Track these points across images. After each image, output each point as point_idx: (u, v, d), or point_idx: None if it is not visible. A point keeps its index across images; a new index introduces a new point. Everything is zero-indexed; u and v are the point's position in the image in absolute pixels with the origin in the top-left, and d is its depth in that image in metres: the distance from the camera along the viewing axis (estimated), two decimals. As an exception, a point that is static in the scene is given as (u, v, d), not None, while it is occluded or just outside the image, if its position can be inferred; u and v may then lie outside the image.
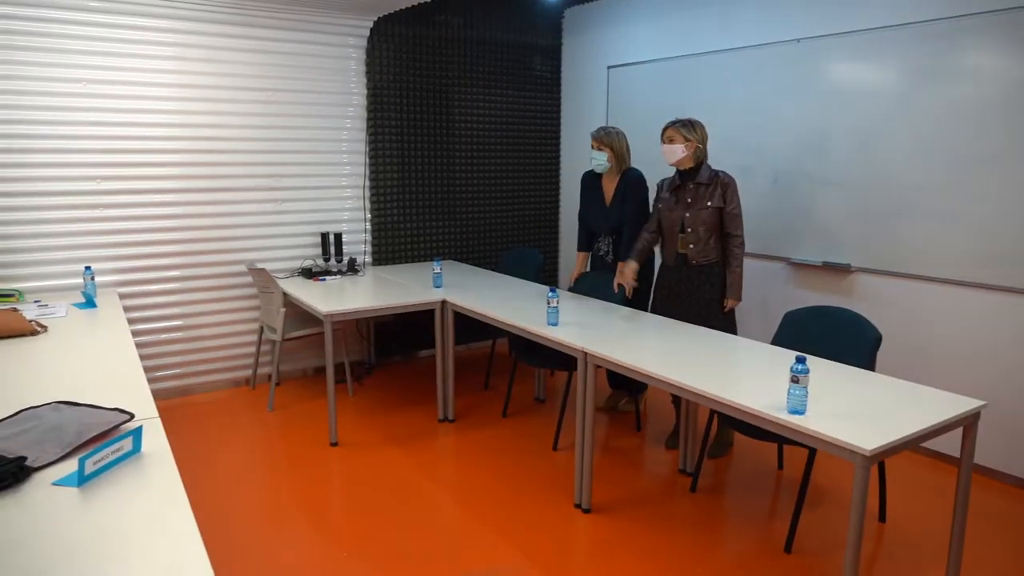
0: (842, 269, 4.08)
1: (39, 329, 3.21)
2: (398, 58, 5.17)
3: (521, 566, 2.76)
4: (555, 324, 3.37)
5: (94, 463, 1.73)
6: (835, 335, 3.08)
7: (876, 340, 2.94)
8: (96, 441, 1.93)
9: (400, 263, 5.37)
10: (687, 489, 3.41)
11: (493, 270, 5.08)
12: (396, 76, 5.18)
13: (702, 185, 3.57)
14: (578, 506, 3.21)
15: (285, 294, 4.28)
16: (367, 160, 5.15)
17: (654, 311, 3.82)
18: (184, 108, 4.45)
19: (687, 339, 3.21)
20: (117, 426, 2.02)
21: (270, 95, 4.71)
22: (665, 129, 3.62)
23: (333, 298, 4.10)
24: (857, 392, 2.53)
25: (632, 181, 4.08)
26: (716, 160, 3.73)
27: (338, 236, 4.94)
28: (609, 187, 4.16)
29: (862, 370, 2.76)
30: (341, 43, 4.93)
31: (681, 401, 3.63)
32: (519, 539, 2.95)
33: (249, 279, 4.76)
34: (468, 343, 5.73)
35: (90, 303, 3.80)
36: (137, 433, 1.90)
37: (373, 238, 5.27)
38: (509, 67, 5.70)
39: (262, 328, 4.70)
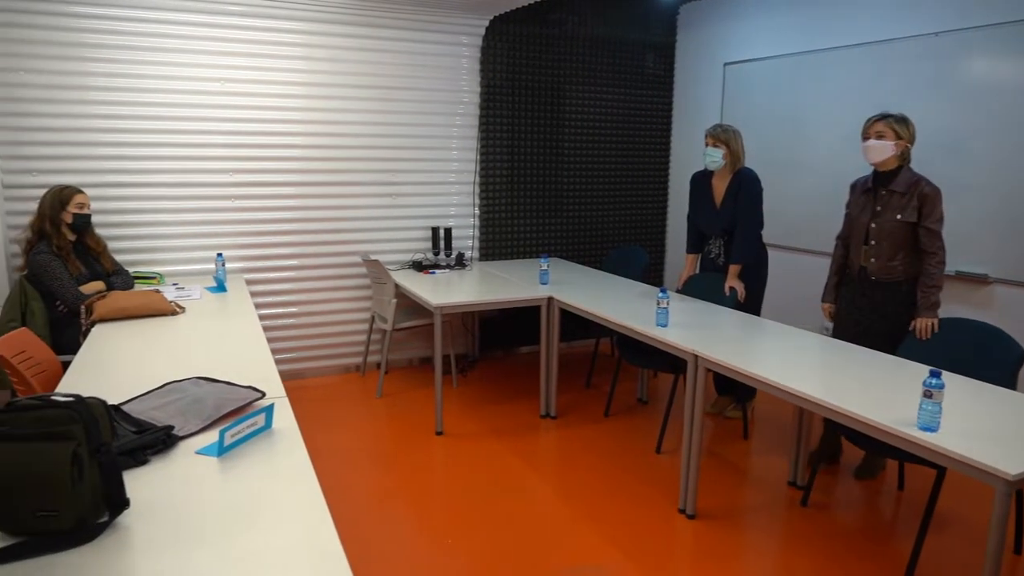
0: (978, 279, 3.80)
1: (178, 310, 3.47)
2: (511, 56, 5.23)
3: (625, 568, 2.74)
4: (665, 325, 3.32)
5: (232, 436, 1.86)
6: (972, 350, 2.88)
7: (1020, 357, 2.72)
8: (232, 416, 2.06)
9: (506, 259, 5.44)
10: (797, 502, 3.28)
11: (597, 268, 5.06)
12: (509, 74, 5.24)
13: (896, 193, 3.18)
14: (682, 511, 3.15)
15: (397, 285, 4.42)
16: (478, 157, 5.25)
17: (835, 324, 3.56)
18: (308, 106, 4.68)
19: (804, 345, 3.09)
20: (250, 403, 2.16)
21: (387, 93, 4.88)
22: (872, 123, 3.21)
23: (442, 291, 4.20)
24: (996, 411, 2.35)
25: (746, 180, 3.95)
26: (833, 163, 3.55)
27: (448, 231, 5.06)
28: (720, 187, 4.05)
29: (1002, 389, 2.56)
30: (455, 42, 5.04)
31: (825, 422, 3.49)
32: (622, 540, 2.93)
33: (362, 270, 4.96)
34: (570, 341, 5.73)
35: (221, 287, 4.07)
36: (269, 410, 2.02)
37: (481, 233, 5.36)
38: (621, 65, 5.65)
39: (373, 317, 4.88)
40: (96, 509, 1.47)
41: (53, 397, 1.49)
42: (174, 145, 4.38)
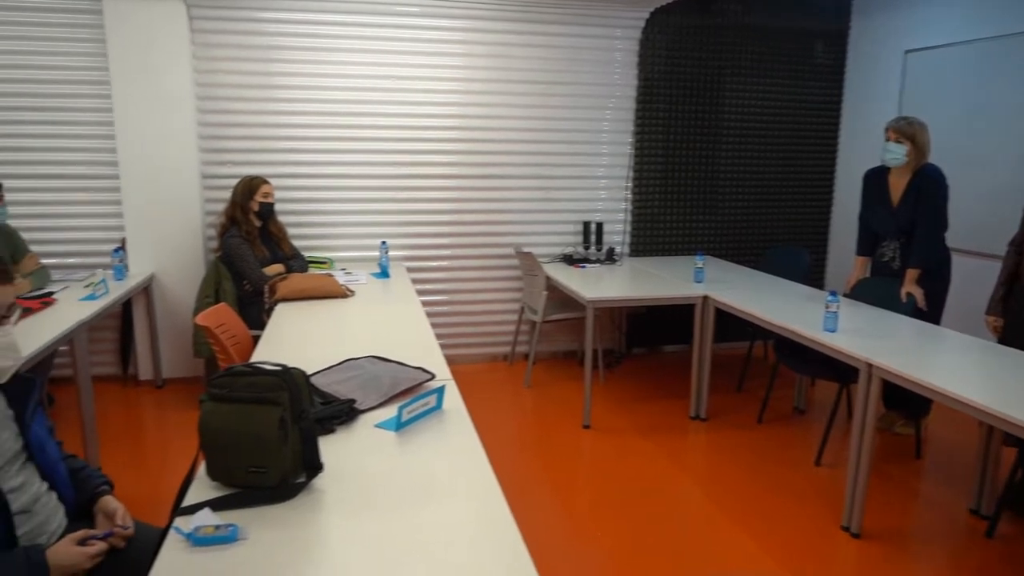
0: None
1: (349, 293, 3.71)
2: (671, 48, 5.12)
3: (781, 580, 2.63)
4: (833, 330, 3.13)
5: (409, 412, 1.96)
6: None
7: None
8: (405, 394, 2.18)
9: (657, 255, 5.34)
10: (981, 533, 2.99)
11: (752, 268, 4.85)
12: (667, 66, 5.14)
13: None
14: (846, 528, 2.97)
15: (548, 278, 4.47)
16: (632, 151, 5.19)
17: (1009, 336, 3.27)
18: (466, 101, 4.83)
19: (990, 359, 2.80)
20: (421, 383, 2.27)
21: (543, 88, 4.93)
22: None
23: (594, 285, 4.20)
24: None
25: (930, 178, 3.63)
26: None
27: (599, 225, 5.05)
28: (898, 185, 3.75)
29: None
30: (610, 35, 5.00)
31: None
32: (777, 551, 2.81)
33: (513, 261, 5.06)
34: (721, 342, 5.53)
35: (384, 274, 4.30)
36: (441, 391, 2.11)
37: (632, 229, 5.30)
38: (786, 55, 5.37)
39: (523, 308, 4.97)
40: (295, 470, 1.60)
41: (262, 366, 1.64)
42: (345, 139, 4.67)
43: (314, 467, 1.61)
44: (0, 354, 1.42)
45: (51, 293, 3.57)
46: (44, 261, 3.90)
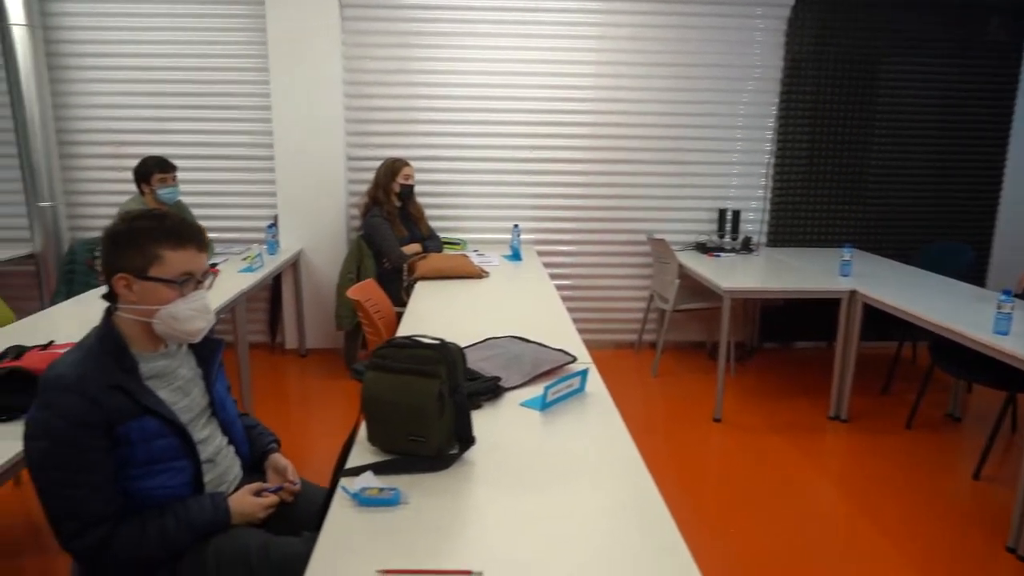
0: None
1: (484, 274, 3.78)
2: (822, 27, 4.82)
3: (935, 597, 2.45)
4: (1005, 333, 2.86)
5: (554, 393, 1.98)
6: None
7: None
8: (547, 375, 2.20)
9: (797, 246, 5.09)
10: None
11: (903, 263, 4.51)
12: (816, 46, 4.84)
13: None
14: (1011, 550, 2.72)
15: (680, 266, 4.37)
16: (775, 136, 4.95)
17: None
18: (600, 84, 4.78)
19: None
20: (562, 365, 2.28)
21: (679, 70, 4.80)
22: None
23: (729, 274, 4.06)
24: None
25: None
26: None
27: (736, 213, 4.87)
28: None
29: None
30: (750, 13, 4.78)
31: None
32: (931, 569, 2.61)
33: (643, 248, 4.98)
34: (865, 341, 5.21)
35: (516, 256, 4.35)
36: (584, 374, 2.11)
37: (771, 217, 5.07)
38: (952, 31, 4.92)
39: (652, 296, 4.88)
40: (449, 442, 1.66)
41: (420, 339, 1.70)
42: (481, 123, 4.76)
43: (467, 439, 1.66)
44: (198, 316, 1.55)
45: (214, 264, 3.87)
46: (210, 236, 4.24)
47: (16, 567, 2.60)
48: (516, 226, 4.51)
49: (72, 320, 2.95)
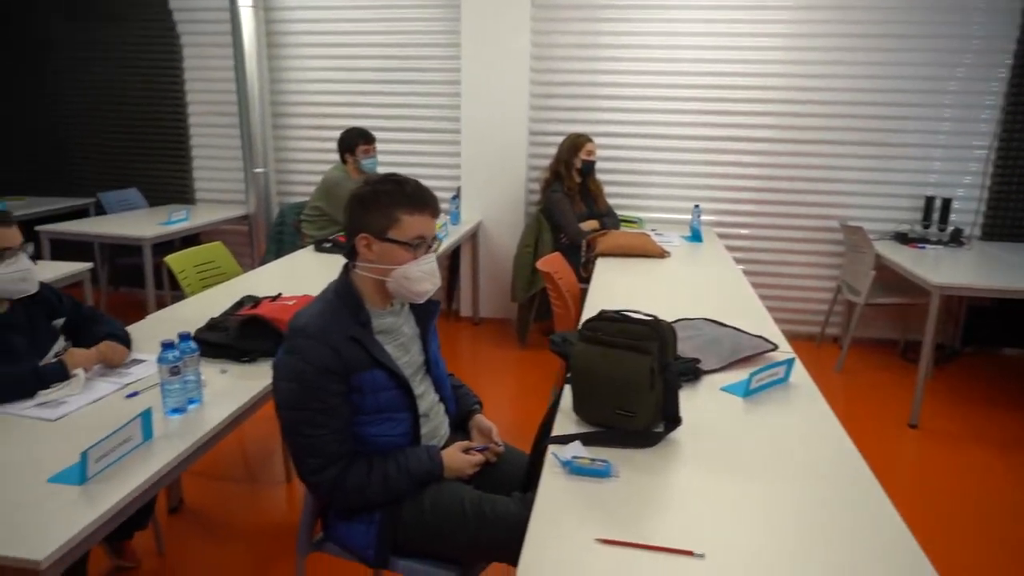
0: None
1: (666, 253, 3.70)
2: (1071, -8, 4.22)
3: None
4: None
5: (758, 380, 1.91)
6: None
7: None
8: (745, 362, 2.12)
9: (1018, 241, 4.52)
10: None
11: None
12: (1062, 15, 4.24)
13: None
14: None
15: (878, 256, 4.04)
16: (1001, 117, 4.41)
17: None
18: (794, 58, 4.48)
19: None
20: (762, 353, 2.19)
21: (881, 42, 4.37)
22: None
23: (935, 268, 3.70)
24: None
25: None
26: None
27: (946, 202, 4.40)
28: None
29: None
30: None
31: None
32: None
33: (833, 236, 4.65)
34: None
35: (696, 237, 4.22)
36: (790, 363, 2.02)
37: (988, 208, 4.54)
38: None
39: (839, 287, 4.56)
40: (655, 419, 1.64)
41: (631, 315, 1.69)
42: (665, 99, 4.64)
43: (674, 419, 1.64)
44: (426, 278, 1.64)
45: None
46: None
47: (253, 492, 2.93)
48: (697, 206, 4.36)
49: (284, 277, 3.23)
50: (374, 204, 1.60)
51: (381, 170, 4.37)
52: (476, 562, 1.66)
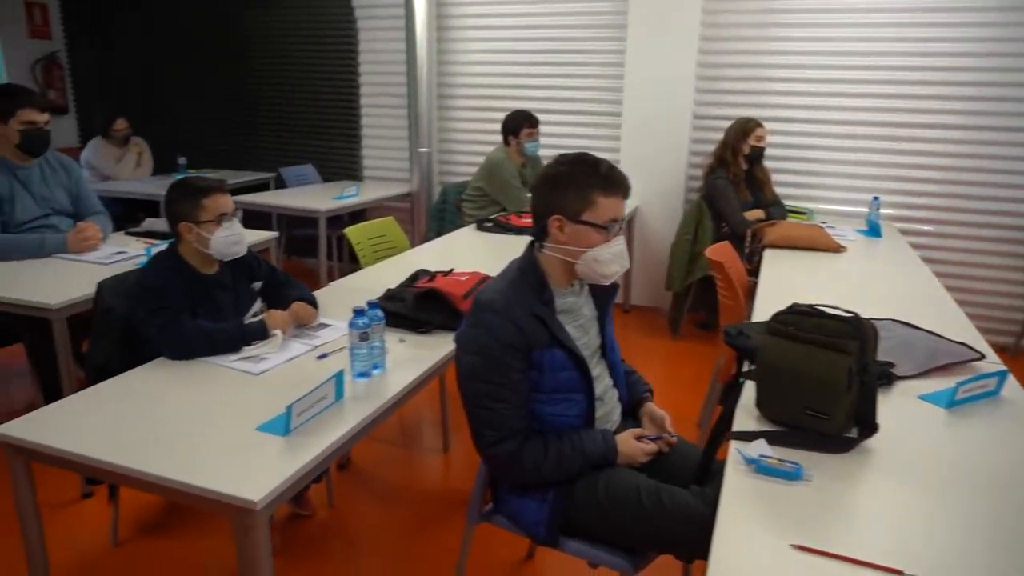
0: None
1: (841, 248, 3.46)
2: None
3: None
4: None
5: (965, 391, 1.73)
6: None
7: None
8: (943, 369, 1.93)
9: None
10: None
11: None
12: None
13: None
14: None
15: (1096, 262, 3.56)
16: None
17: None
18: (992, 35, 3.99)
19: None
20: (966, 362, 1.98)
21: None
22: None
23: None
24: None
25: None
26: None
27: None
28: None
29: None
30: None
31: None
32: None
33: (1035, 236, 4.15)
34: None
35: (875, 232, 3.90)
36: (1003, 376, 1.81)
37: None
38: None
39: (1041, 295, 4.07)
40: (848, 423, 1.53)
41: (826, 310, 1.58)
42: (844, 82, 4.32)
43: (870, 425, 1.52)
44: (615, 261, 1.61)
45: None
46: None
47: (413, 457, 3.07)
48: (876, 199, 4.03)
49: (448, 253, 3.32)
50: (570, 185, 1.59)
51: (541, 154, 4.42)
52: (647, 551, 1.63)
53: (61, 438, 1.49)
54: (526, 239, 1.71)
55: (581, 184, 1.57)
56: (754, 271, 3.29)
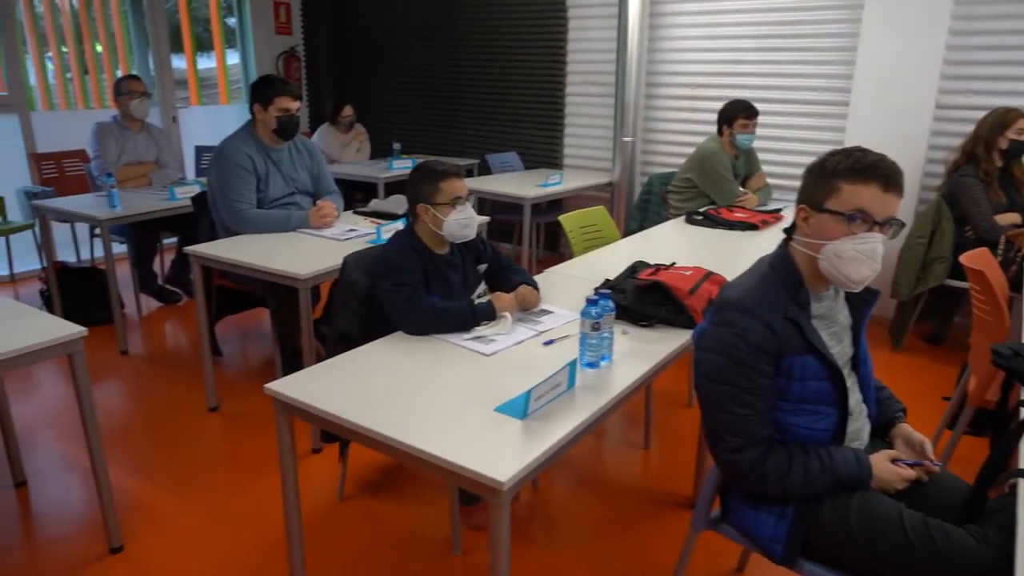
0: None
1: None
2: None
3: None
4: None
5: None
6: None
7: None
8: None
9: None
10: None
11: None
12: None
13: None
14: None
15: None
16: None
17: None
18: None
19: None
20: None
21: None
22: None
23: None
24: None
25: None
26: None
27: None
28: None
29: None
30: None
31: None
32: None
33: None
34: None
35: None
36: None
37: None
38: None
39: None
40: None
41: None
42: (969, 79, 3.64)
43: None
44: (863, 260, 1.44)
45: (779, 209, 3.83)
46: (769, 181, 4.23)
47: (614, 452, 3.06)
48: None
49: (657, 246, 3.22)
50: (819, 173, 1.48)
51: (755, 144, 4.17)
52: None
53: (324, 399, 1.62)
54: (738, 234, 1.61)
55: (829, 170, 1.45)
56: (1012, 283, 2.88)
